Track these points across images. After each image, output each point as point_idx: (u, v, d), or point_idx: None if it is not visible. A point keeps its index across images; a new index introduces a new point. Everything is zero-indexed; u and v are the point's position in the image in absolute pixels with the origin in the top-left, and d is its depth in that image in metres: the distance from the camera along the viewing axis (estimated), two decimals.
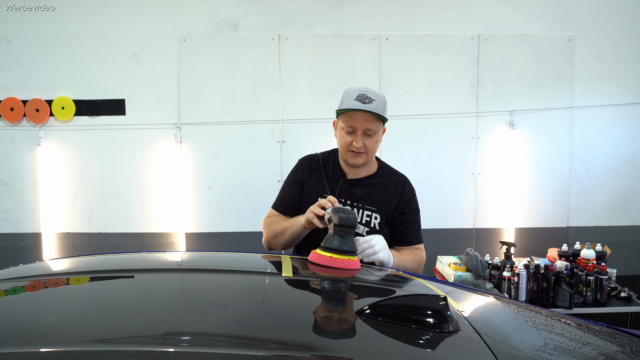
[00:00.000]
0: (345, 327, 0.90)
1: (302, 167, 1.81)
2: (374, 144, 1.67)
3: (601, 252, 2.91)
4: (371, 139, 1.65)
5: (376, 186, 1.74)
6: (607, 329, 1.13)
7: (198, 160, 3.45)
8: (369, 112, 1.59)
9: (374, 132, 1.64)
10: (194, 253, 2.29)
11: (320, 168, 1.79)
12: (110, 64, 3.38)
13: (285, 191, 1.83)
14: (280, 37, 3.40)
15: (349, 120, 1.64)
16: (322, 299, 1.09)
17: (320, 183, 1.76)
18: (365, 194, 1.73)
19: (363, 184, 1.74)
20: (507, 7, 3.44)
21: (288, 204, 1.79)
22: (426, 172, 3.50)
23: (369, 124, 1.62)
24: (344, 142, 1.67)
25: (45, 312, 0.89)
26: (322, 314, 0.95)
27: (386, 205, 1.72)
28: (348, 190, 1.73)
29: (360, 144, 1.63)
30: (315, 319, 0.92)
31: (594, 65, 3.48)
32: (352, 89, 1.66)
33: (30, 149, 3.41)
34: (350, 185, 1.74)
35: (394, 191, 1.74)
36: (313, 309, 0.99)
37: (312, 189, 1.77)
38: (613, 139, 3.55)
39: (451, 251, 3.35)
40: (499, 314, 1.15)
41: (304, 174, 1.79)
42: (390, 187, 1.75)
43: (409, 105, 3.45)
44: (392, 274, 1.43)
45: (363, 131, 1.63)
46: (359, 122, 1.62)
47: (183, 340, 0.79)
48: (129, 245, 3.47)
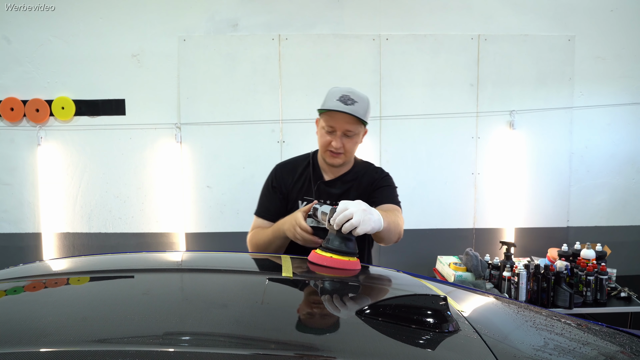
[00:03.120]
0: (345, 327, 0.90)
1: (280, 173, 1.82)
2: (353, 145, 1.69)
3: (601, 252, 2.91)
4: (350, 140, 1.67)
5: (352, 182, 1.78)
6: (607, 329, 1.13)
7: (198, 160, 3.45)
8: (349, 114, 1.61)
9: (353, 134, 1.66)
10: (194, 253, 2.30)
11: (297, 172, 1.80)
12: (110, 64, 3.38)
13: (266, 198, 1.83)
14: (280, 37, 3.40)
15: (329, 120, 1.66)
16: (322, 299, 1.09)
17: (299, 187, 1.78)
18: (342, 193, 1.76)
19: (340, 183, 1.78)
20: (507, 7, 3.44)
21: (272, 210, 1.79)
22: (426, 172, 3.50)
23: (349, 126, 1.64)
24: (324, 142, 1.69)
25: (45, 312, 0.89)
26: (322, 314, 0.95)
27: (362, 197, 1.73)
28: (326, 192, 1.76)
29: (339, 144, 1.65)
30: (315, 319, 0.92)
31: (594, 65, 3.48)
32: (336, 89, 1.67)
33: (30, 149, 3.41)
34: (328, 186, 1.77)
35: (369, 181, 1.78)
36: (313, 309, 0.99)
37: (292, 193, 1.78)
38: (613, 139, 3.55)
39: (451, 251, 3.35)
40: (499, 314, 1.15)
41: (283, 179, 1.80)
42: (365, 179, 1.78)
43: (409, 105, 3.45)
44: (392, 273, 1.42)
45: (343, 132, 1.65)
46: (339, 123, 1.64)
47: (183, 340, 0.79)
48: (129, 245, 3.47)
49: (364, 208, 1.33)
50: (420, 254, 3.47)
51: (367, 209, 1.34)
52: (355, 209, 1.32)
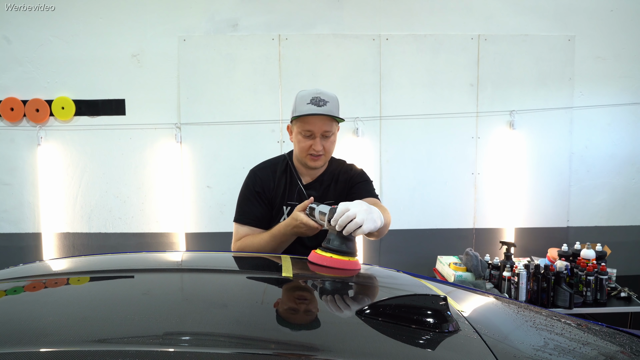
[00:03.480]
0: (345, 327, 0.90)
1: (260, 177, 1.79)
2: (331, 145, 1.72)
3: (601, 252, 2.91)
4: (329, 141, 1.70)
5: (330, 182, 1.80)
6: (607, 329, 1.13)
7: (198, 160, 3.45)
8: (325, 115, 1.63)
9: (331, 134, 1.69)
10: (193, 253, 2.29)
11: (277, 177, 1.79)
12: (110, 64, 3.38)
13: (250, 204, 1.78)
14: (280, 37, 3.40)
15: (305, 124, 1.67)
16: (322, 299, 1.09)
17: (281, 192, 1.78)
18: (321, 194, 1.78)
19: (318, 184, 1.79)
20: (507, 7, 3.44)
21: (257, 216, 1.76)
22: (426, 172, 3.50)
23: (326, 127, 1.67)
24: (303, 147, 1.70)
25: (45, 312, 0.89)
26: (322, 314, 0.95)
27: (342, 195, 1.78)
28: (306, 194, 1.77)
29: (319, 147, 1.67)
30: (315, 319, 0.92)
31: (594, 65, 3.48)
32: (304, 92, 1.68)
33: (30, 149, 3.41)
34: (307, 189, 1.78)
35: (345, 178, 1.80)
36: (313, 309, 0.99)
37: (275, 199, 1.78)
38: (613, 139, 3.55)
39: (451, 251, 3.35)
40: (499, 314, 1.15)
41: (265, 183, 1.77)
42: (341, 177, 1.81)
43: (409, 105, 3.45)
44: (392, 273, 1.42)
45: (321, 134, 1.67)
46: (316, 126, 1.66)
47: (183, 340, 0.79)
48: (129, 245, 3.47)
49: (365, 208, 1.33)
50: (420, 254, 3.47)
51: (367, 208, 1.34)
52: (357, 209, 1.32)
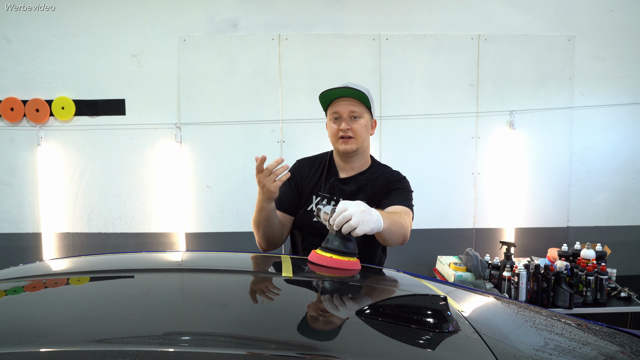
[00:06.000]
0: (345, 327, 0.90)
1: (298, 166, 1.86)
2: (361, 127, 1.71)
3: (601, 252, 2.91)
4: (357, 122, 1.70)
5: (367, 182, 1.77)
6: (607, 329, 1.13)
7: (198, 160, 3.45)
8: (349, 90, 1.67)
9: (358, 115, 1.70)
10: (193, 253, 2.30)
11: (314, 167, 1.83)
12: (110, 64, 3.38)
13: (282, 188, 1.82)
14: (280, 37, 3.40)
15: (332, 108, 1.73)
16: (321, 299, 1.09)
17: (314, 182, 1.80)
18: (355, 191, 1.75)
19: (355, 181, 1.77)
20: (507, 7, 3.44)
21: (282, 200, 1.80)
22: (426, 172, 3.50)
23: (352, 107, 1.69)
24: (333, 131, 1.73)
25: (45, 312, 0.89)
26: (322, 314, 0.95)
27: (376, 197, 1.74)
28: (339, 188, 1.76)
29: (346, 126, 1.69)
30: (315, 319, 0.92)
31: (594, 65, 3.48)
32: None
33: (30, 149, 3.41)
34: (342, 183, 1.77)
35: (384, 182, 1.76)
36: (313, 309, 0.99)
37: (307, 187, 1.80)
38: (613, 139, 3.55)
39: (451, 251, 3.35)
40: (499, 314, 1.15)
41: (299, 172, 1.83)
42: (380, 180, 1.76)
43: (409, 105, 3.45)
44: (393, 273, 1.42)
45: (348, 115, 1.69)
46: (342, 107, 1.70)
47: (183, 340, 0.79)
48: (129, 245, 3.47)
49: (363, 209, 1.33)
50: (420, 254, 3.47)
51: (366, 209, 1.34)
52: (354, 210, 1.31)
